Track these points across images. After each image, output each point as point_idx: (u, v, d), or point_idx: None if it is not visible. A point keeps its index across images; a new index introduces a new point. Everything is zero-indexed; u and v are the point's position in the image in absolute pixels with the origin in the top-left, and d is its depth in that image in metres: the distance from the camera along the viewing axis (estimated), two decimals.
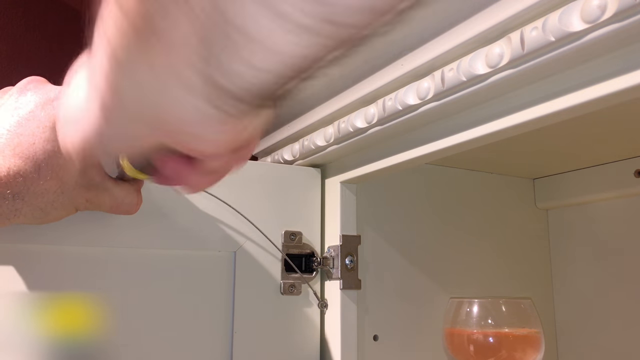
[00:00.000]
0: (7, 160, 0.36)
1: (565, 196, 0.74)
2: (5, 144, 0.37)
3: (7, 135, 0.37)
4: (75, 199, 0.40)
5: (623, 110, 0.50)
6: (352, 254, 0.56)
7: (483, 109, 0.41)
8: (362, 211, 0.60)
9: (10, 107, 0.39)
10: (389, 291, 0.62)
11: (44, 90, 0.40)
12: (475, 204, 0.72)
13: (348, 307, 0.56)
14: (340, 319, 0.55)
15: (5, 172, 0.36)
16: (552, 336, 0.74)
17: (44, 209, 0.39)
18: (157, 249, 0.50)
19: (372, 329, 0.60)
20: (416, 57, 0.43)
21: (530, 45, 0.34)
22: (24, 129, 0.37)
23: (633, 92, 0.32)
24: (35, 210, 0.39)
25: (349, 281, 0.56)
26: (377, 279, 0.61)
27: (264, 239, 0.54)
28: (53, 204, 0.39)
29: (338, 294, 0.55)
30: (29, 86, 0.40)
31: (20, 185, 0.37)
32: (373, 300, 0.60)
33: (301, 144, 0.60)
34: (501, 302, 0.56)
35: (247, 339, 0.52)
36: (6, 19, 0.65)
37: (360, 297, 0.58)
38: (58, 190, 0.39)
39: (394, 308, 0.62)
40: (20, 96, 0.39)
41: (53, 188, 0.38)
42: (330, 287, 0.57)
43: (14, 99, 0.39)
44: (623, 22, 0.29)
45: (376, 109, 0.48)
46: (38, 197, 0.38)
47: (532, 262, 0.75)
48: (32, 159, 0.37)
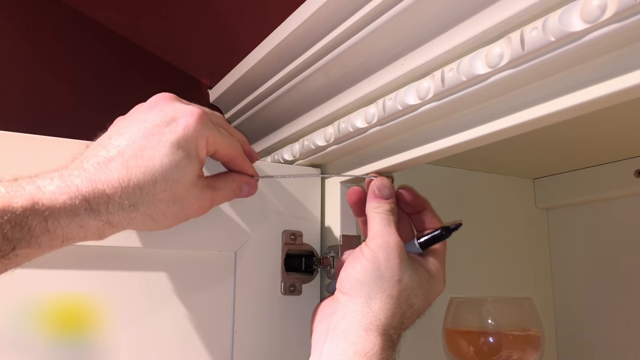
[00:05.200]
0: (130, 171, 0.38)
1: (565, 196, 0.74)
2: (130, 155, 0.39)
3: (132, 147, 0.39)
4: (187, 207, 0.43)
5: (623, 110, 0.49)
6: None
7: (483, 109, 0.41)
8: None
9: (139, 118, 0.41)
10: None
11: (172, 107, 0.42)
12: (475, 204, 0.72)
13: None
14: None
15: (126, 183, 0.38)
16: (552, 336, 0.74)
17: (155, 218, 0.41)
18: (158, 248, 0.50)
19: None
20: (416, 57, 0.43)
21: (530, 45, 0.34)
22: (147, 142, 0.40)
23: (633, 92, 0.32)
24: (146, 219, 0.40)
25: None
26: None
27: (265, 238, 0.54)
28: (164, 214, 0.41)
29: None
30: (159, 102, 0.43)
31: (137, 196, 0.39)
32: None
33: (301, 144, 0.60)
34: (501, 302, 0.56)
35: (247, 339, 0.52)
36: (6, 19, 0.65)
37: None
38: (170, 200, 0.41)
39: None
40: (149, 111, 0.42)
41: (166, 199, 0.40)
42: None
43: (143, 112, 0.42)
44: (623, 22, 0.29)
45: (376, 109, 0.48)
46: (151, 207, 0.40)
47: (532, 262, 0.75)
48: (151, 172, 0.39)
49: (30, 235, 0.34)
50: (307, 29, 0.49)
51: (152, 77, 0.73)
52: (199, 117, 0.42)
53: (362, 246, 0.47)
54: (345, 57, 0.48)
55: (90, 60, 0.69)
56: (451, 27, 0.40)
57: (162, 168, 0.39)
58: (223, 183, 0.46)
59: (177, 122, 0.41)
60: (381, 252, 0.45)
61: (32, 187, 0.36)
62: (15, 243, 0.34)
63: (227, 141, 0.45)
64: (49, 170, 0.38)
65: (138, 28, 0.72)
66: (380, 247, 0.45)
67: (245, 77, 0.62)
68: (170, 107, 0.42)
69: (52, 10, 0.68)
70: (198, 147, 0.42)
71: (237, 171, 0.48)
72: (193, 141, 0.41)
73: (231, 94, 0.68)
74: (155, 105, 0.42)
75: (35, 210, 0.34)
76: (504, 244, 0.73)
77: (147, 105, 0.43)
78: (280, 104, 0.61)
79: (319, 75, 0.53)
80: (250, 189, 0.49)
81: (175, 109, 0.42)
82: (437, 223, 0.51)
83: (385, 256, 0.45)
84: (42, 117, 0.65)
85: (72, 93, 0.67)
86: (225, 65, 0.66)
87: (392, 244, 0.45)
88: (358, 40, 0.46)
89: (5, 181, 0.36)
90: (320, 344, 0.44)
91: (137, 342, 0.48)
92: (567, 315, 0.73)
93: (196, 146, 0.41)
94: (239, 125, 0.72)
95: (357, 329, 0.42)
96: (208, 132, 0.42)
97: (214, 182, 0.45)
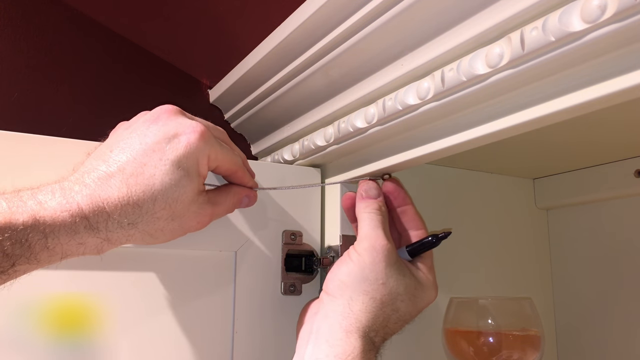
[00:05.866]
0: (130, 189, 0.38)
1: (565, 196, 0.74)
2: (131, 172, 0.38)
3: (133, 164, 0.39)
4: (185, 224, 0.42)
5: (623, 110, 0.49)
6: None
7: (483, 109, 0.41)
8: None
9: (140, 133, 0.41)
10: None
11: (175, 123, 0.41)
12: (475, 204, 0.72)
13: None
14: None
15: (126, 201, 0.38)
16: (552, 336, 0.74)
17: (153, 235, 0.41)
18: (158, 248, 0.50)
19: None
20: (416, 57, 0.43)
21: (530, 45, 0.34)
22: (148, 159, 0.39)
23: (633, 92, 0.32)
24: (145, 236, 0.40)
25: None
26: None
27: (265, 238, 0.54)
28: (163, 230, 0.41)
29: None
30: (162, 116, 0.42)
31: (136, 215, 0.38)
32: None
33: (301, 144, 0.60)
34: (501, 302, 0.55)
35: (247, 339, 0.52)
36: (6, 19, 0.65)
37: None
38: (169, 218, 0.40)
39: None
40: (151, 124, 0.41)
41: (165, 216, 0.40)
42: None
43: (145, 125, 0.41)
44: (623, 22, 0.29)
45: (376, 109, 0.48)
46: (150, 225, 0.40)
47: (532, 262, 0.75)
48: (150, 190, 0.39)
49: (30, 252, 0.34)
50: (307, 29, 0.49)
51: (152, 77, 0.73)
52: (201, 134, 0.41)
53: (350, 249, 0.47)
54: (345, 57, 0.48)
55: (90, 60, 0.69)
56: (451, 27, 0.40)
57: (162, 186, 0.39)
58: (223, 198, 0.46)
59: (179, 139, 0.40)
60: (367, 255, 0.45)
61: (34, 202, 0.35)
62: (15, 259, 0.34)
63: (228, 156, 0.45)
64: (51, 182, 0.38)
65: (138, 28, 0.72)
66: (367, 250, 0.45)
67: (245, 77, 0.62)
68: (173, 122, 0.41)
69: (52, 10, 0.68)
70: (199, 164, 0.41)
71: (237, 184, 0.48)
72: (194, 159, 0.41)
73: (231, 94, 0.68)
74: (158, 118, 0.42)
75: (36, 227, 0.34)
76: (504, 244, 0.73)
77: (150, 118, 0.42)
78: (280, 103, 0.61)
79: (319, 75, 0.52)
80: (250, 201, 0.49)
81: (178, 124, 0.41)
82: (418, 221, 0.51)
83: (370, 259, 0.45)
84: (42, 117, 0.65)
85: (71, 93, 0.67)
86: (225, 65, 0.66)
87: (379, 247, 0.45)
88: (358, 40, 0.46)
89: (7, 194, 0.35)
90: (303, 346, 0.44)
91: (137, 342, 0.48)
92: (567, 315, 0.73)
93: (197, 164, 0.41)
94: (239, 125, 0.72)
95: (338, 331, 0.42)
96: (210, 149, 0.42)
97: (214, 197, 0.45)
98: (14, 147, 0.46)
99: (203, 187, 0.44)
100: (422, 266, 0.48)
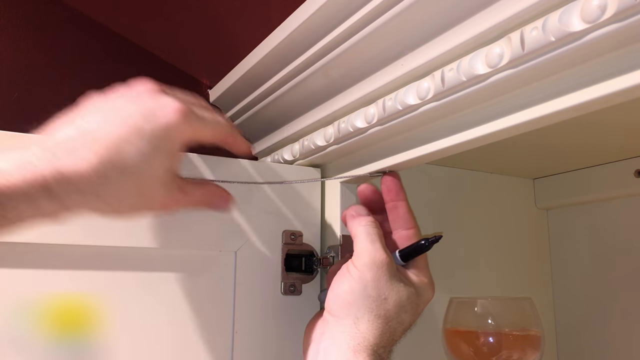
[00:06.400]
0: (100, 159, 0.37)
1: (565, 196, 0.74)
2: (104, 146, 0.37)
3: (105, 135, 0.37)
4: (150, 203, 0.41)
5: (623, 110, 0.49)
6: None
7: (483, 109, 0.41)
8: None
9: (117, 106, 0.39)
10: None
11: (155, 102, 0.40)
12: (475, 204, 0.72)
13: None
14: None
15: (94, 172, 0.37)
16: (552, 336, 0.74)
17: (115, 207, 0.40)
18: (158, 248, 0.50)
19: None
20: (416, 57, 0.43)
21: (530, 45, 0.34)
22: (122, 132, 0.38)
23: (633, 92, 0.32)
24: (106, 207, 0.39)
25: None
26: None
27: (265, 238, 0.54)
28: (126, 204, 0.40)
29: None
30: (141, 92, 0.41)
31: (102, 185, 0.37)
32: None
33: (301, 144, 0.60)
34: (501, 302, 0.55)
35: (247, 339, 0.52)
36: (6, 19, 0.65)
37: None
38: (135, 194, 0.39)
39: None
40: (130, 100, 0.40)
41: (131, 192, 0.39)
42: None
43: (124, 100, 0.40)
44: (623, 22, 0.29)
45: (376, 109, 0.48)
46: (113, 197, 0.38)
47: (532, 262, 0.75)
48: (120, 164, 0.37)
49: None
50: (307, 28, 0.49)
51: (152, 77, 0.73)
52: (181, 112, 0.39)
53: (348, 264, 0.46)
54: (346, 57, 0.48)
55: (90, 60, 0.69)
56: (451, 27, 0.40)
57: (134, 162, 0.38)
58: (193, 189, 0.44)
59: (156, 117, 0.39)
60: (368, 271, 0.44)
61: None
62: None
63: (210, 128, 0.43)
64: (15, 147, 0.37)
65: (138, 28, 0.72)
66: (367, 266, 0.45)
67: (245, 77, 0.62)
68: (152, 100, 0.40)
69: (52, 10, 0.68)
70: (175, 145, 0.40)
71: (233, 153, 0.47)
72: (170, 139, 0.39)
73: (231, 93, 0.68)
74: (137, 95, 0.40)
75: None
76: (504, 244, 0.73)
77: (130, 93, 0.41)
78: (280, 103, 0.61)
79: (319, 75, 0.52)
80: (222, 204, 0.47)
81: (157, 102, 0.40)
82: (410, 220, 0.51)
83: (372, 275, 0.44)
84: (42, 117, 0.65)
85: (71, 93, 0.67)
86: (226, 65, 0.66)
87: (379, 262, 0.45)
88: (358, 40, 0.46)
89: None
90: None
91: (137, 342, 0.48)
92: (567, 315, 0.73)
93: (172, 144, 0.40)
94: (239, 125, 0.72)
95: (346, 351, 0.42)
96: (188, 127, 0.40)
97: (185, 185, 0.43)
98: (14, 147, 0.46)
99: (177, 171, 0.42)
100: (416, 270, 0.48)
